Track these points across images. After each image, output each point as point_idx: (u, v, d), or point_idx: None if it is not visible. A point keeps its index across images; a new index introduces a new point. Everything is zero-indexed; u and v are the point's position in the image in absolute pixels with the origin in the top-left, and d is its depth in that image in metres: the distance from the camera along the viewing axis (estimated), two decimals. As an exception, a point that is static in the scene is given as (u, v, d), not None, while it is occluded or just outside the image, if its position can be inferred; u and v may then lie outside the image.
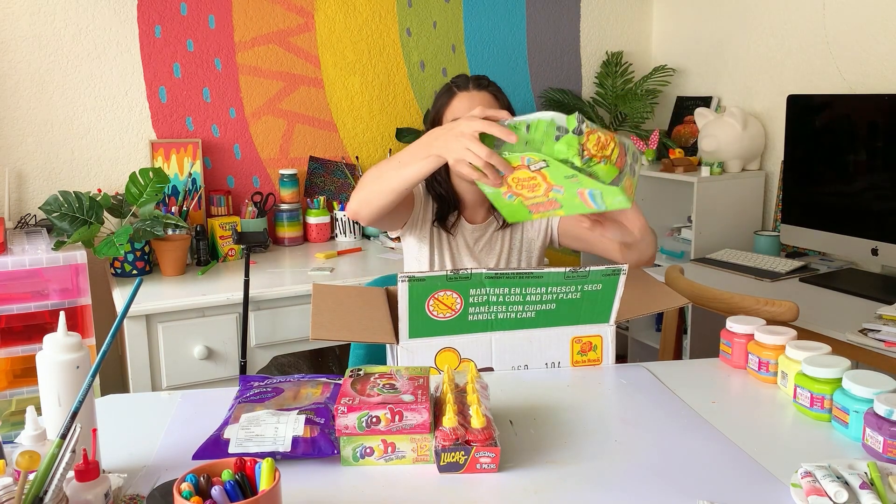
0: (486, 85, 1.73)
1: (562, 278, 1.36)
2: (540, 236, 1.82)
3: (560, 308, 1.40)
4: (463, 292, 1.35)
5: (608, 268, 1.37)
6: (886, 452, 1.07)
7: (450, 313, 1.37)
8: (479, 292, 1.36)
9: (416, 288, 1.33)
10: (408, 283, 1.32)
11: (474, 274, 1.34)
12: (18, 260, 2.11)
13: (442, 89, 1.76)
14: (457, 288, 1.35)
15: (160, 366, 2.22)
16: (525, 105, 3.28)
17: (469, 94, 1.70)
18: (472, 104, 1.66)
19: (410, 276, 1.32)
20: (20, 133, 2.52)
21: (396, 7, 3.02)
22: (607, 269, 1.37)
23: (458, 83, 1.73)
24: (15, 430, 2.07)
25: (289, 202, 2.83)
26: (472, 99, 1.69)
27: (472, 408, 1.10)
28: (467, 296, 1.36)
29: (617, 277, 1.38)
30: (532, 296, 1.37)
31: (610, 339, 1.46)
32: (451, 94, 1.72)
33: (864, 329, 1.82)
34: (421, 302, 1.35)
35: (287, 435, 1.09)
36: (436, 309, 1.36)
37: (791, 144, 2.53)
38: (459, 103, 1.70)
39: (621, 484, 1.05)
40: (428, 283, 1.33)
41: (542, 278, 1.36)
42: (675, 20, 3.37)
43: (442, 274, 1.33)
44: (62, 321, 1.00)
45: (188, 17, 2.70)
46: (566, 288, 1.38)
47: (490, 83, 1.74)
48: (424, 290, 1.34)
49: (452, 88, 1.73)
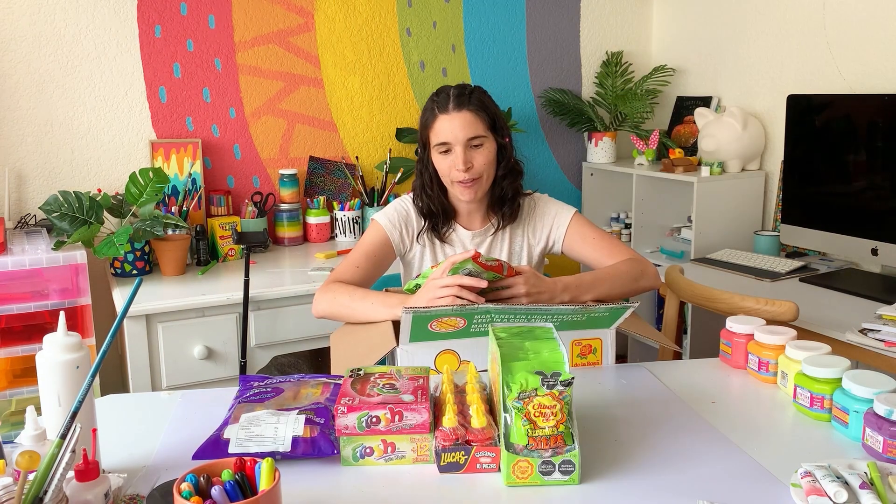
0: (466, 103, 1.67)
1: (570, 311, 1.38)
2: (540, 244, 1.82)
3: (563, 325, 1.41)
4: (467, 317, 1.36)
5: (618, 305, 1.40)
6: (886, 452, 1.07)
7: (451, 329, 1.38)
8: (484, 318, 1.37)
9: (419, 317, 1.34)
10: (412, 314, 1.33)
11: (481, 307, 1.35)
12: (18, 260, 2.11)
13: (426, 106, 1.73)
14: (462, 315, 1.35)
15: (160, 366, 2.22)
16: (525, 105, 3.29)
17: (449, 117, 1.67)
18: (453, 126, 1.66)
19: (415, 309, 1.32)
20: (20, 133, 2.52)
21: (396, 7, 3.02)
22: (616, 306, 1.40)
23: (439, 103, 1.69)
24: (15, 430, 2.07)
25: (289, 202, 2.83)
26: (453, 121, 1.66)
27: (473, 408, 1.10)
28: (471, 319, 1.36)
29: (624, 311, 1.41)
30: (537, 317, 1.38)
31: (610, 343, 1.46)
32: (434, 116, 1.69)
33: (864, 329, 1.82)
34: (423, 324, 1.35)
35: (287, 435, 1.09)
36: (439, 327, 1.37)
37: (791, 144, 2.53)
38: (441, 126, 1.68)
39: (621, 484, 1.05)
40: (433, 313, 1.34)
41: (551, 310, 1.37)
42: (675, 20, 3.37)
43: (448, 308, 1.34)
44: (62, 321, 1.00)
45: (188, 17, 2.70)
46: (572, 315, 1.40)
47: (471, 97, 1.69)
48: (428, 318, 1.34)
49: (434, 109, 1.70)
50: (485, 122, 1.68)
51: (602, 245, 1.76)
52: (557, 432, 1.04)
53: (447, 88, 1.71)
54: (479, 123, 1.67)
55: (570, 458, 1.03)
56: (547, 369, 1.05)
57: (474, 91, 1.71)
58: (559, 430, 1.04)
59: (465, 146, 1.66)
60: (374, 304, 1.54)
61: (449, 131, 1.66)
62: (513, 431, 1.04)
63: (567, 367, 1.06)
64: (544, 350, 1.11)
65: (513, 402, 1.04)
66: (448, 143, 1.67)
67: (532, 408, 1.04)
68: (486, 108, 1.69)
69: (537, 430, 1.04)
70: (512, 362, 1.08)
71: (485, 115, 1.68)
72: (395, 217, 1.78)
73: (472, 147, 1.67)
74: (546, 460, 1.03)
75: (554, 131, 3.37)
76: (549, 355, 1.09)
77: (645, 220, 3.08)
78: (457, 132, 1.65)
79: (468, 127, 1.66)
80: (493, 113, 1.71)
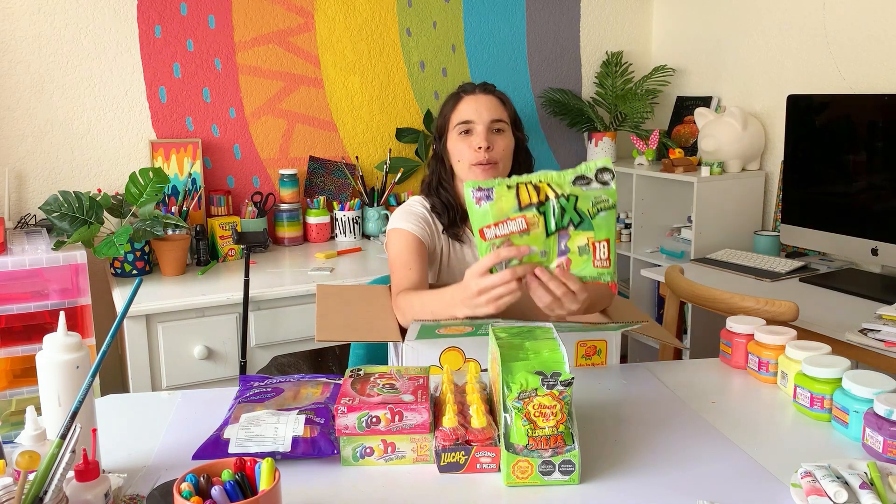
0: (492, 90, 1.74)
1: (579, 328, 1.39)
2: None
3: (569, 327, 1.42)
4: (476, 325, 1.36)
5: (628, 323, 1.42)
6: (886, 452, 1.07)
7: (459, 333, 1.38)
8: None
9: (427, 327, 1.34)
10: (420, 325, 1.33)
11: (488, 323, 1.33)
12: (18, 260, 2.11)
13: (448, 96, 1.77)
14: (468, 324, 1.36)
15: (160, 366, 2.22)
16: (525, 105, 3.28)
17: (475, 98, 1.71)
18: (479, 106, 1.68)
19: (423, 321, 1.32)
20: (20, 133, 2.52)
21: (396, 7, 3.02)
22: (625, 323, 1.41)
23: (464, 88, 1.75)
24: (15, 430, 2.07)
25: (289, 202, 2.83)
26: (479, 101, 1.69)
27: (473, 408, 1.10)
28: (479, 327, 1.36)
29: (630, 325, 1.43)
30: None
31: (615, 344, 1.46)
32: (458, 99, 1.73)
33: (864, 329, 1.82)
34: (431, 329, 1.36)
35: (287, 435, 1.09)
36: (445, 332, 1.37)
37: (791, 144, 2.52)
38: (466, 105, 1.70)
39: (621, 484, 1.05)
40: (441, 323, 1.34)
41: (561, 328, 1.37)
42: (675, 20, 3.37)
43: (457, 321, 1.33)
44: (62, 321, 1.00)
45: (188, 17, 2.70)
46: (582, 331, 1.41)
47: (494, 88, 1.75)
48: (437, 326, 1.35)
49: (459, 93, 1.74)
50: (508, 112, 1.73)
51: None
52: (557, 432, 1.04)
53: (471, 82, 1.78)
54: (503, 110, 1.71)
55: (570, 458, 1.03)
56: (547, 369, 1.05)
57: (498, 90, 1.77)
58: (559, 430, 1.04)
59: (488, 128, 1.67)
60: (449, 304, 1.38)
61: (474, 110, 1.68)
62: (513, 431, 1.04)
63: (567, 367, 1.06)
64: (544, 350, 1.11)
65: (513, 402, 1.04)
66: (471, 122, 1.67)
67: (532, 408, 1.04)
68: (508, 103, 1.75)
69: (537, 430, 1.04)
70: (512, 362, 1.08)
71: (508, 107, 1.74)
72: (413, 218, 1.74)
73: (493, 131, 1.68)
74: (546, 460, 1.03)
75: (554, 131, 3.37)
76: (550, 355, 1.09)
77: (645, 220, 3.08)
78: (482, 111, 1.68)
79: (493, 109, 1.69)
80: (514, 110, 1.77)
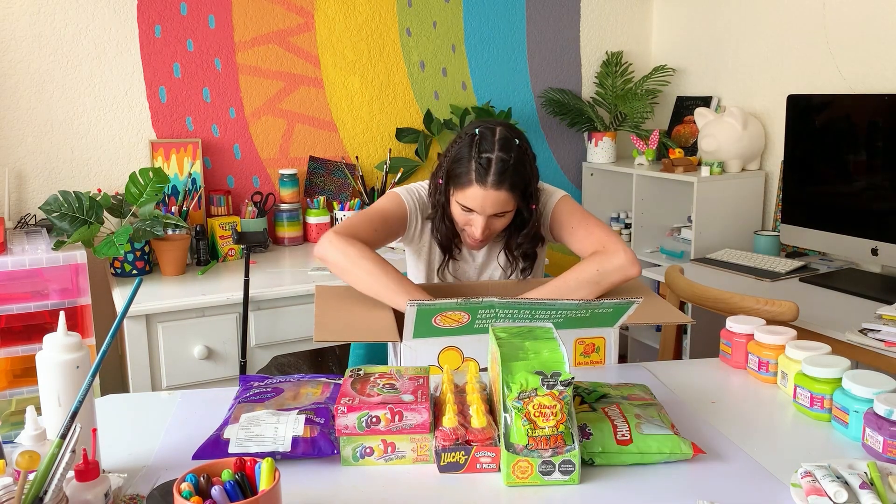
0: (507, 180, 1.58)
1: (574, 306, 1.38)
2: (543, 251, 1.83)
3: (567, 321, 1.41)
4: (472, 311, 1.36)
5: (622, 300, 1.39)
6: (886, 452, 1.07)
7: (456, 325, 1.38)
8: (488, 312, 1.37)
9: (424, 310, 1.34)
10: (416, 307, 1.32)
11: (486, 301, 1.35)
12: (18, 260, 2.10)
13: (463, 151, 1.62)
14: (466, 309, 1.35)
15: (160, 366, 2.22)
16: (525, 105, 3.28)
17: (484, 193, 1.58)
18: (485, 203, 1.59)
19: (420, 303, 1.32)
20: (20, 133, 2.52)
21: (396, 7, 3.02)
22: (621, 301, 1.39)
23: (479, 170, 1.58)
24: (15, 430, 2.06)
25: (289, 202, 2.83)
26: (487, 198, 1.59)
27: (473, 407, 1.10)
28: (475, 313, 1.36)
29: (628, 306, 1.41)
30: (541, 312, 1.38)
31: (613, 341, 1.46)
32: (468, 182, 1.59)
33: (864, 329, 1.82)
34: (428, 318, 1.35)
35: (287, 435, 1.09)
36: (443, 322, 1.37)
37: (791, 144, 2.53)
38: (473, 194, 1.60)
39: (621, 484, 1.05)
40: (438, 307, 1.34)
41: (555, 305, 1.37)
42: (675, 20, 3.37)
43: (453, 301, 1.34)
44: (62, 321, 1.00)
45: (188, 17, 2.70)
46: (576, 311, 1.39)
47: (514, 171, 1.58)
48: (433, 311, 1.34)
49: (472, 174, 1.59)
50: (517, 197, 1.63)
51: (577, 234, 1.71)
52: (557, 432, 1.04)
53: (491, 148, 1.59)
54: (510, 201, 1.62)
55: (570, 458, 1.03)
56: (547, 369, 1.05)
57: (516, 162, 1.60)
58: (559, 430, 1.04)
59: (488, 218, 1.63)
60: (390, 286, 1.51)
61: (479, 205, 1.61)
62: (513, 431, 1.04)
63: (567, 367, 1.06)
64: (544, 350, 1.11)
65: (513, 401, 1.04)
66: (473, 210, 1.63)
67: (532, 408, 1.04)
68: (522, 183, 1.62)
69: (537, 430, 1.04)
70: (512, 362, 1.08)
71: (519, 191, 1.63)
72: (414, 204, 1.74)
73: (494, 216, 1.64)
74: (546, 460, 1.03)
75: (554, 131, 3.37)
76: (550, 355, 1.09)
77: (645, 220, 3.08)
78: (486, 208, 1.61)
79: (498, 205, 1.61)
80: (528, 182, 1.64)
